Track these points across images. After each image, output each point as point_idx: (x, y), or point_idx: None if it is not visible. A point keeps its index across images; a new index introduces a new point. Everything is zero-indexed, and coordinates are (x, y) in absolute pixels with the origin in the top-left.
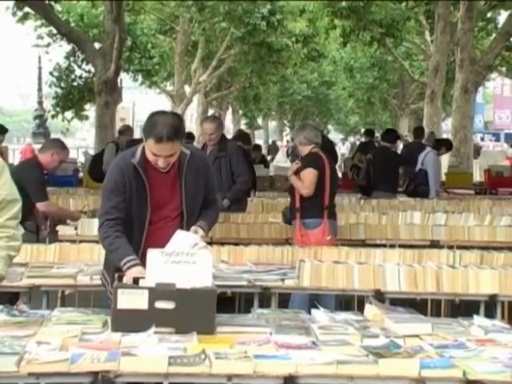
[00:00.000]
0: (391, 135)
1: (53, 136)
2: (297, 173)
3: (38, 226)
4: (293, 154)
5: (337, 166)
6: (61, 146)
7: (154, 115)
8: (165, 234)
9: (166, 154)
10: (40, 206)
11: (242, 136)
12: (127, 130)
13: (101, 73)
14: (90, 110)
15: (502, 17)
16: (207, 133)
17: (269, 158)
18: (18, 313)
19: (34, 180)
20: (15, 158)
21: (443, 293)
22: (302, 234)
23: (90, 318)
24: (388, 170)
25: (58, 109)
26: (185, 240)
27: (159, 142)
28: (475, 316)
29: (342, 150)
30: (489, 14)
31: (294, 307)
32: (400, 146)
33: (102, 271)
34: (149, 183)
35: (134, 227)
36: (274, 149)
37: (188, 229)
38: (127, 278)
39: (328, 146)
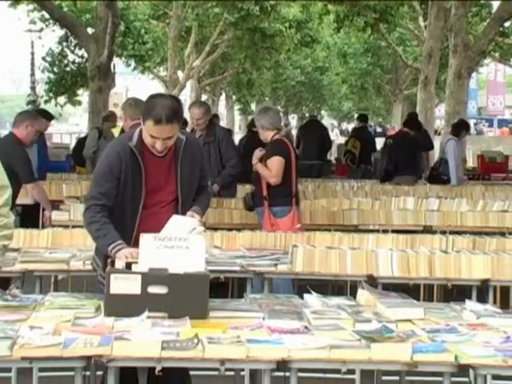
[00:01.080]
0: (414, 122)
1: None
2: (261, 160)
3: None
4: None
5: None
6: (33, 117)
7: (152, 98)
8: (159, 218)
9: (164, 137)
10: (30, 187)
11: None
12: (111, 116)
13: (94, 58)
14: (83, 95)
15: (496, 2)
16: (194, 118)
17: None
18: (10, 297)
19: (20, 159)
20: None
21: (435, 278)
22: (272, 223)
23: (82, 302)
24: (408, 155)
25: (50, 94)
26: (182, 225)
27: (158, 124)
28: (467, 301)
29: (332, 136)
30: (483, 0)
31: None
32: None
33: (93, 256)
34: (145, 167)
35: (127, 211)
36: None
37: (183, 214)
38: (119, 259)
39: (322, 132)
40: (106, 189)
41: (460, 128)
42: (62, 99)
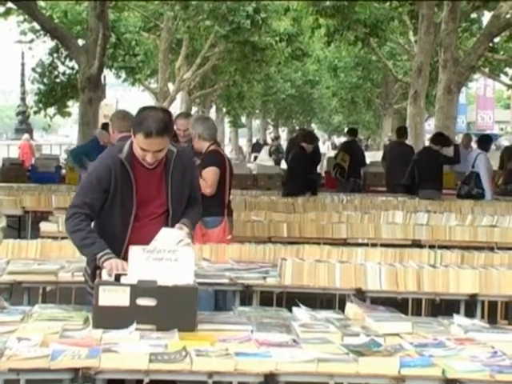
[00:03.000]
0: (440, 139)
1: (35, 133)
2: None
3: None
4: (276, 151)
5: (319, 165)
6: None
7: (143, 110)
8: (150, 230)
9: (155, 149)
10: None
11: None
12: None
13: (84, 69)
14: (73, 106)
15: (486, 18)
16: (181, 129)
17: (252, 156)
18: None
19: None
20: None
21: (424, 292)
22: (203, 234)
23: (71, 314)
24: (433, 170)
25: (40, 105)
26: (169, 237)
27: (148, 137)
28: (455, 315)
29: (323, 149)
30: (472, 15)
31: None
32: (450, 151)
33: (84, 267)
34: (135, 179)
35: (118, 223)
36: (258, 147)
37: (173, 226)
38: (108, 270)
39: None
40: (91, 199)
41: (488, 142)
42: (51, 110)
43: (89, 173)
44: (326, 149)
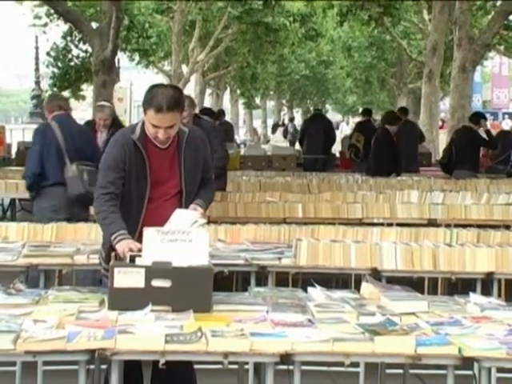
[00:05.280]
0: (476, 117)
1: None
2: None
3: None
4: (291, 133)
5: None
6: None
7: (153, 87)
8: (164, 211)
9: (166, 125)
10: None
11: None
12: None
13: (98, 52)
14: (88, 89)
15: None
16: (102, 118)
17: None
18: (14, 291)
19: None
20: (12, 138)
21: (440, 271)
22: None
23: (86, 296)
24: (470, 150)
25: (55, 89)
26: (184, 218)
27: (159, 112)
28: (471, 294)
29: (346, 130)
30: None
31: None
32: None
33: (99, 249)
34: (148, 159)
35: (132, 203)
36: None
37: (186, 207)
38: (118, 252)
39: (326, 126)
40: (113, 178)
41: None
42: (66, 94)
43: (104, 156)
44: (350, 129)
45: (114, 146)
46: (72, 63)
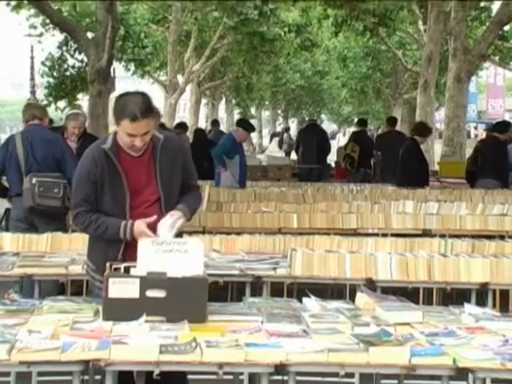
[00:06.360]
0: (501, 126)
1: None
2: None
3: None
4: (286, 143)
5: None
6: None
7: (121, 97)
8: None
9: (142, 132)
10: None
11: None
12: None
13: (93, 62)
14: (83, 99)
15: (496, 6)
16: (75, 127)
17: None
18: (8, 301)
19: None
20: None
21: (434, 281)
22: None
23: (81, 306)
24: (496, 160)
25: (50, 98)
26: (163, 229)
27: (134, 121)
28: (466, 304)
29: (343, 140)
30: (482, 4)
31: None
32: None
33: (85, 260)
34: (122, 168)
35: (112, 214)
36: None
37: (167, 213)
38: (140, 236)
39: (321, 136)
40: (86, 194)
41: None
42: (61, 103)
43: (77, 170)
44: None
45: (85, 160)
46: (67, 73)
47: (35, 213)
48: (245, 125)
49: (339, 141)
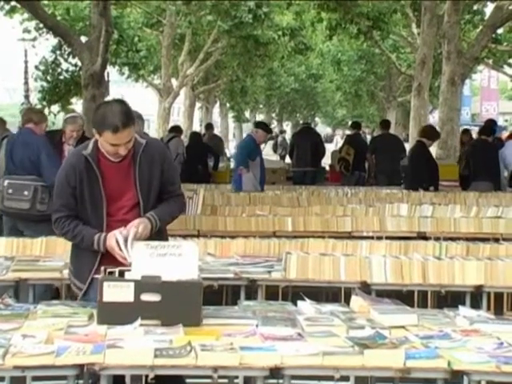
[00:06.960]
0: (488, 129)
1: None
2: None
3: None
4: (281, 146)
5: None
6: None
7: (99, 107)
8: (126, 224)
9: (125, 141)
10: None
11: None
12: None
13: (87, 66)
14: (77, 103)
15: (489, 9)
16: (74, 130)
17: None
18: (3, 306)
19: None
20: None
21: (429, 284)
22: None
23: (75, 310)
24: (487, 162)
25: (44, 102)
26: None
27: (116, 132)
28: (460, 307)
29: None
30: (475, 7)
31: None
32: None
33: (68, 265)
34: (101, 174)
35: (91, 220)
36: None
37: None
38: (112, 246)
39: (315, 139)
40: (66, 200)
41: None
42: (55, 107)
43: (57, 175)
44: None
45: (65, 165)
46: (61, 77)
47: (8, 215)
48: (264, 126)
49: (337, 144)
